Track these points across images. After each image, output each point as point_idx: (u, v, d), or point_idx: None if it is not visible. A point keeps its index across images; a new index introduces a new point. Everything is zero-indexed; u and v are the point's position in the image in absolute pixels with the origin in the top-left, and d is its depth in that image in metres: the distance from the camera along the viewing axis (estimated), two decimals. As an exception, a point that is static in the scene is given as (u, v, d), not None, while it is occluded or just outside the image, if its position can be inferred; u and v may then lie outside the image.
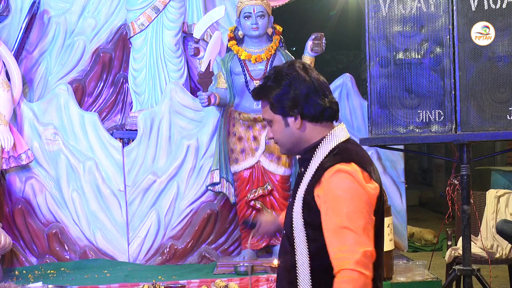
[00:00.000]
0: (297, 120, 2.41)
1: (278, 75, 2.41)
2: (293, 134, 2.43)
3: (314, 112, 2.40)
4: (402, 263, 4.85)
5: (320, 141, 2.41)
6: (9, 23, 5.88)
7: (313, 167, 2.35)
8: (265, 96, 2.43)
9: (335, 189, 2.27)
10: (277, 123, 2.44)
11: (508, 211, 5.43)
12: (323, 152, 2.38)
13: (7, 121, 5.34)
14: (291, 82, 2.39)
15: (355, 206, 2.24)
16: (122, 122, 6.06)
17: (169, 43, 5.82)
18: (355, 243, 2.20)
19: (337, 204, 2.24)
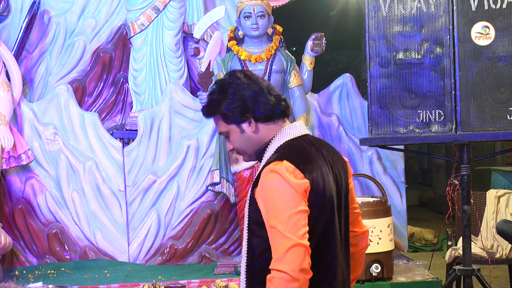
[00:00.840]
0: (251, 124, 2.43)
1: (221, 87, 2.43)
2: (251, 138, 2.46)
3: (266, 111, 2.42)
4: (402, 263, 4.85)
5: (270, 140, 2.45)
6: (9, 23, 5.88)
7: (261, 167, 2.40)
8: (216, 110, 2.44)
9: (265, 188, 2.31)
10: (234, 132, 2.46)
11: (508, 211, 5.42)
12: (271, 151, 2.42)
13: (7, 121, 5.34)
14: (235, 89, 2.41)
15: (281, 203, 2.26)
16: (122, 122, 6.06)
17: (169, 43, 5.82)
18: (278, 241, 2.23)
19: (266, 203, 2.29)
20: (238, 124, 2.44)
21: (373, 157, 5.61)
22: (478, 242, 5.21)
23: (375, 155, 5.60)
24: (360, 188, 5.58)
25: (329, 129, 5.68)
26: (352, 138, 5.63)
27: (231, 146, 2.52)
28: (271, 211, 2.27)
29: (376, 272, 4.49)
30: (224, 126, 2.46)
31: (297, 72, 5.30)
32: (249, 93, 2.42)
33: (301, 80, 5.32)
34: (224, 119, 2.44)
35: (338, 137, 5.67)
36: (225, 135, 2.50)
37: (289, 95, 5.31)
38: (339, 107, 5.73)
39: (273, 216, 2.26)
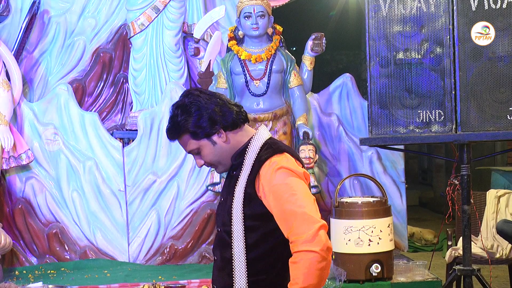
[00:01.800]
0: (221, 134, 2.51)
1: (184, 108, 2.48)
2: (222, 149, 2.53)
3: (232, 120, 2.51)
4: (402, 263, 4.85)
5: (248, 142, 2.53)
6: (9, 23, 5.89)
7: (248, 164, 2.47)
8: (183, 130, 2.50)
9: (275, 181, 2.40)
10: (205, 147, 2.53)
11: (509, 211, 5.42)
12: (254, 150, 2.50)
13: (7, 121, 5.34)
14: (198, 106, 2.48)
15: (298, 190, 2.38)
16: (122, 122, 6.06)
17: (169, 43, 5.82)
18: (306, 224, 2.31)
19: (280, 194, 2.37)
20: (209, 137, 2.51)
21: (373, 157, 5.61)
22: (478, 242, 5.20)
23: (375, 155, 5.60)
24: (360, 188, 5.58)
25: (329, 129, 5.68)
26: (352, 138, 5.63)
27: (202, 162, 2.58)
28: (289, 200, 2.35)
29: (376, 272, 4.49)
30: (194, 143, 2.53)
31: (297, 72, 5.30)
32: (212, 106, 2.49)
33: (301, 80, 5.32)
34: (194, 136, 2.51)
35: (338, 137, 5.67)
36: (195, 153, 2.56)
37: (289, 95, 5.31)
38: (339, 107, 5.73)
39: (294, 203, 2.34)
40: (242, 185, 2.47)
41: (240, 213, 2.45)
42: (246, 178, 2.47)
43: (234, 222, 2.46)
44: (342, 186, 5.31)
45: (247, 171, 2.47)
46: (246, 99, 5.20)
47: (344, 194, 5.46)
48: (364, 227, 4.47)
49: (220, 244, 2.54)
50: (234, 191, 2.49)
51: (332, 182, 5.61)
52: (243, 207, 2.45)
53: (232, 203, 2.49)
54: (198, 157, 2.58)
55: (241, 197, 2.46)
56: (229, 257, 2.47)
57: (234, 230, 2.46)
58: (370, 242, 4.47)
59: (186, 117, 2.48)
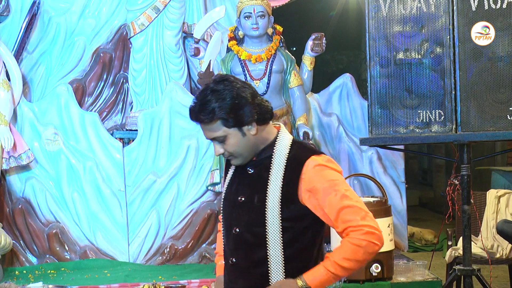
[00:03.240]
0: (253, 126, 2.43)
1: (219, 93, 2.40)
2: (250, 141, 2.45)
3: (265, 113, 2.46)
4: (402, 263, 4.85)
5: (275, 140, 2.49)
6: (9, 23, 5.89)
7: (279, 163, 2.44)
8: (216, 116, 2.39)
9: (322, 179, 2.39)
10: (233, 136, 2.43)
11: (509, 211, 5.42)
12: (284, 148, 2.46)
13: (8, 121, 5.34)
14: (235, 93, 2.40)
15: (346, 187, 2.42)
16: (122, 122, 6.06)
17: (169, 43, 5.82)
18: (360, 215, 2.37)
19: (330, 192, 2.38)
20: (240, 127, 2.42)
21: (373, 157, 5.61)
22: (478, 242, 5.21)
23: (375, 155, 5.60)
24: (360, 188, 5.59)
25: (329, 129, 5.69)
26: (352, 138, 5.64)
27: (222, 150, 2.47)
28: (339, 196, 2.37)
29: (376, 272, 4.49)
30: (223, 130, 2.42)
31: (297, 72, 5.30)
32: (248, 96, 2.42)
33: (301, 80, 5.32)
34: (225, 123, 2.40)
35: (338, 137, 5.67)
36: (219, 140, 2.45)
37: (289, 95, 5.31)
38: (339, 107, 5.73)
39: (346, 198, 2.37)
40: (276, 185, 2.42)
41: (277, 214, 2.40)
42: (281, 178, 2.42)
43: (269, 223, 2.41)
44: (342, 186, 5.30)
45: (279, 170, 2.43)
46: (246, 99, 5.20)
47: (344, 194, 5.45)
48: (364, 227, 4.46)
49: (242, 245, 2.47)
50: (267, 191, 2.43)
51: (332, 182, 5.60)
52: (281, 208, 2.40)
53: (266, 203, 2.42)
54: (220, 145, 2.46)
55: (278, 197, 2.41)
56: (261, 258, 2.42)
57: (270, 231, 2.41)
58: (370, 242, 4.46)
59: (221, 103, 2.38)
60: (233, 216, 2.52)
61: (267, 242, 2.41)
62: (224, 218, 2.57)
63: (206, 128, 2.43)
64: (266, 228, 2.41)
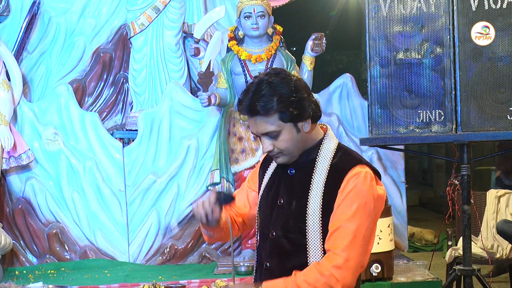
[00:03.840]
0: (307, 123, 2.31)
1: (276, 86, 2.26)
2: (302, 138, 2.32)
3: (318, 111, 2.34)
4: (403, 263, 4.85)
5: (322, 141, 2.37)
6: (9, 23, 5.89)
7: (322, 168, 2.31)
8: (274, 108, 2.25)
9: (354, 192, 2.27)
10: (287, 132, 2.29)
11: (509, 211, 5.42)
12: (329, 152, 2.34)
13: (8, 121, 5.34)
14: (294, 86, 2.27)
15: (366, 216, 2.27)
16: (122, 122, 6.06)
17: (169, 43, 5.82)
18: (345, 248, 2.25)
19: (351, 205, 2.26)
20: (296, 123, 2.29)
21: (373, 157, 5.61)
22: (478, 242, 5.21)
23: (375, 155, 5.60)
24: (360, 188, 5.58)
25: (329, 129, 5.68)
26: (352, 138, 5.64)
27: (271, 147, 2.32)
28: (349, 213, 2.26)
29: (376, 272, 4.49)
30: (278, 125, 2.27)
31: (297, 72, 5.30)
32: (305, 91, 2.30)
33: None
34: (282, 117, 2.26)
35: (338, 137, 5.67)
36: (272, 136, 2.30)
37: (289, 95, 5.31)
38: (339, 107, 5.73)
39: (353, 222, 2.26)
40: (318, 191, 2.30)
41: (318, 222, 2.28)
42: (322, 184, 2.30)
43: (310, 231, 2.29)
44: (342, 186, 5.30)
45: (321, 176, 2.31)
46: (246, 99, 5.20)
47: (344, 194, 5.45)
48: (364, 227, 4.46)
49: (278, 251, 2.35)
50: (308, 197, 2.30)
51: (332, 182, 5.61)
52: (321, 216, 2.28)
53: (307, 210, 2.30)
54: (270, 140, 2.30)
55: (319, 204, 2.29)
56: (297, 266, 2.29)
57: (310, 240, 2.28)
58: (370, 242, 4.46)
59: (280, 95, 2.23)
60: (271, 219, 2.39)
61: (307, 251, 2.30)
62: (261, 220, 2.45)
63: (260, 121, 2.27)
64: (307, 236, 2.29)
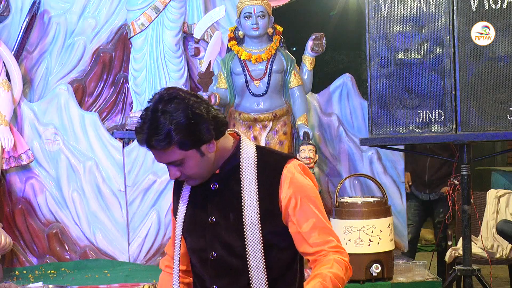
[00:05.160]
0: (211, 144, 2.17)
1: (171, 114, 2.10)
2: (209, 159, 2.19)
3: (221, 126, 2.20)
4: (402, 263, 4.85)
5: (239, 145, 2.26)
6: (9, 23, 5.88)
7: (249, 174, 2.20)
8: (173, 140, 2.10)
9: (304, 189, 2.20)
10: (191, 158, 2.15)
11: (509, 211, 5.43)
12: (249, 155, 2.23)
13: (8, 121, 5.34)
14: (190, 112, 2.11)
15: (319, 202, 2.23)
16: (122, 122, 6.06)
17: (169, 43, 5.81)
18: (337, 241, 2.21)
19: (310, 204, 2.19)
20: (198, 148, 2.15)
21: (373, 157, 5.61)
22: (478, 242, 5.21)
23: (375, 155, 5.60)
24: (360, 188, 5.58)
25: (329, 129, 5.68)
26: (352, 138, 5.63)
27: (178, 174, 2.19)
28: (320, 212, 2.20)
29: (376, 272, 4.49)
30: (178, 154, 2.13)
31: (297, 72, 5.30)
32: (203, 111, 2.14)
33: (301, 80, 5.32)
34: (181, 146, 2.12)
35: (338, 137, 5.67)
36: (176, 164, 2.17)
37: (289, 95, 5.31)
38: (339, 107, 5.73)
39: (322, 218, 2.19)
40: (252, 197, 2.18)
41: (257, 231, 2.16)
42: (255, 189, 2.18)
43: (249, 242, 2.16)
44: (342, 186, 5.31)
45: (251, 181, 2.19)
46: (246, 99, 5.20)
47: (344, 194, 5.46)
48: (364, 227, 4.47)
49: (226, 270, 2.21)
50: (242, 206, 2.18)
51: (332, 182, 5.61)
52: (261, 224, 2.16)
53: (243, 220, 2.17)
54: (176, 168, 2.18)
55: (256, 211, 2.17)
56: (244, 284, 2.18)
57: (251, 253, 2.17)
58: (370, 242, 4.47)
59: (176, 125, 2.09)
60: (206, 240, 2.24)
61: (248, 267, 2.16)
62: (192, 243, 2.29)
63: (160, 154, 2.15)
64: (247, 251, 2.16)
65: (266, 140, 5.13)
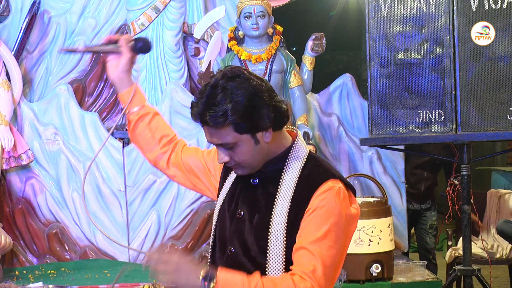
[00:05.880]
0: (268, 132, 2.04)
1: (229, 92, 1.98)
2: (263, 149, 2.06)
3: (282, 117, 2.06)
4: (402, 263, 4.85)
5: (291, 148, 2.12)
6: (9, 23, 5.88)
7: (290, 180, 2.07)
8: (228, 120, 1.98)
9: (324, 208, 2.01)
10: (244, 143, 2.03)
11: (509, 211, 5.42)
12: (298, 161, 2.09)
13: (8, 121, 5.34)
14: (251, 93, 1.99)
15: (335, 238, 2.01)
16: (122, 122, 6.06)
17: (169, 43, 5.82)
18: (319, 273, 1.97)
19: (320, 226, 2.00)
20: (254, 133, 2.02)
21: (373, 157, 5.61)
22: (478, 242, 5.21)
23: (375, 155, 5.60)
24: (360, 188, 5.58)
25: (329, 129, 5.69)
26: (352, 138, 5.64)
27: (227, 158, 2.07)
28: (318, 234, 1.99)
29: (376, 272, 4.49)
30: (233, 136, 2.01)
31: (297, 72, 5.30)
32: (266, 96, 2.02)
33: (301, 80, 5.32)
34: (237, 128, 2.00)
35: (338, 137, 5.67)
36: (227, 147, 2.05)
37: (289, 95, 5.31)
38: (339, 107, 5.73)
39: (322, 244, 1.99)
40: (285, 204, 2.04)
41: (281, 241, 2.02)
42: (289, 198, 2.04)
43: (271, 250, 2.03)
44: (342, 186, 5.30)
45: (289, 188, 2.05)
46: (246, 99, 5.20)
47: (344, 194, 5.45)
48: (364, 227, 4.47)
49: (237, 269, 2.04)
50: (272, 211, 2.05)
51: (332, 182, 5.60)
52: (286, 234, 2.02)
53: (270, 226, 2.04)
54: (226, 152, 2.05)
55: (284, 220, 2.03)
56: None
57: (272, 265, 2.03)
58: (370, 242, 4.47)
59: (235, 105, 1.97)
60: (229, 232, 2.16)
61: (266, 272, 2.03)
62: (218, 231, 2.21)
63: (213, 132, 2.03)
64: (268, 256, 2.04)
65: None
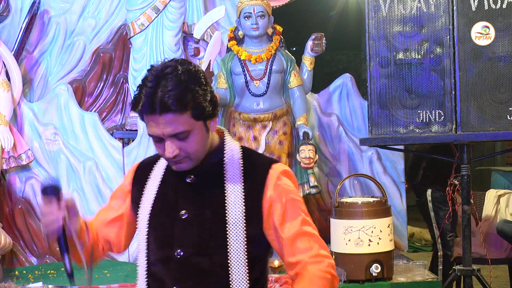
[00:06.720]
0: (213, 121, 1.99)
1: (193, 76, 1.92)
2: (208, 139, 2.00)
3: (217, 107, 2.01)
4: (402, 263, 4.85)
5: (223, 141, 2.08)
6: (9, 23, 5.88)
7: (234, 170, 2.02)
8: (191, 103, 1.89)
9: (289, 192, 2.04)
10: (198, 131, 1.94)
11: (509, 211, 5.42)
12: (234, 153, 2.06)
13: (7, 121, 5.34)
14: (204, 78, 1.94)
15: (304, 206, 2.08)
16: (122, 122, 6.06)
17: (169, 43, 5.82)
18: (321, 247, 2.04)
19: (294, 208, 2.03)
20: (205, 121, 1.95)
21: (373, 157, 5.61)
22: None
23: (375, 155, 5.60)
24: (360, 188, 5.58)
25: (329, 129, 5.69)
26: (352, 138, 5.64)
27: (177, 151, 1.95)
28: (305, 215, 2.05)
29: (376, 272, 4.49)
30: (190, 123, 1.91)
31: (297, 72, 5.30)
32: (208, 83, 1.98)
33: (301, 80, 5.31)
34: (195, 114, 1.91)
35: (338, 137, 5.67)
36: (180, 137, 1.93)
37: (289, 95, 5.31)
38: (339, 107, 5.73)
39: (306, 223, 2.04)
40: (237, 196, 1.99)
41: (241, 233, 1.98)
42: (241, 188, 2.00)
43: (232, 244, 1.98)
44: (342, 186, 5.31)
45: (237, 179, 2.01)
46: (246, 99, 5.20)
47: (344, 194, 5.46)
48: (364, 227, 4.47)
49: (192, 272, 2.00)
50: (225, 204, 1.99)
51: (332, 182, 5.61)
52: (246, 225, 1.99)
53: (226, 219, 1.98)
54: (178, 143, 1.94)
55: (241, 211, 1.98)
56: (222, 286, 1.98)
57: (233, 254, 1.98)
58: (370, 242, 4.47)
59: (198, 88, 1.90)
60: (174, 236, 2.04)
61: (229, 268, 1.98)
62: (157, 239, 2.09)
63: (170, 120, 1.90)
64: (228, 250, 1.98)
65: (266, 140, 5.13)
